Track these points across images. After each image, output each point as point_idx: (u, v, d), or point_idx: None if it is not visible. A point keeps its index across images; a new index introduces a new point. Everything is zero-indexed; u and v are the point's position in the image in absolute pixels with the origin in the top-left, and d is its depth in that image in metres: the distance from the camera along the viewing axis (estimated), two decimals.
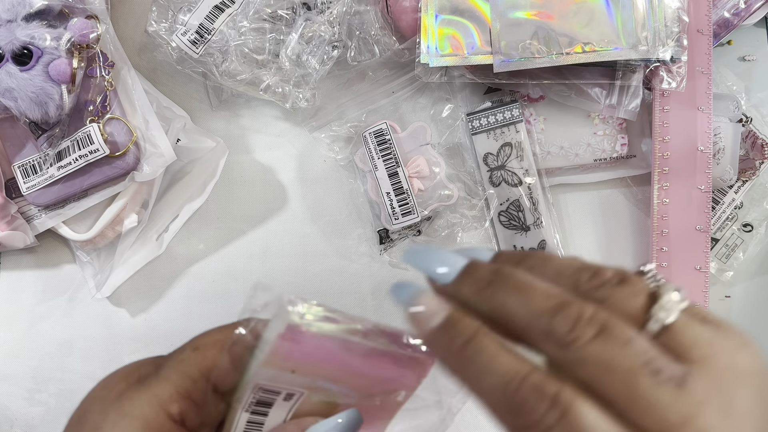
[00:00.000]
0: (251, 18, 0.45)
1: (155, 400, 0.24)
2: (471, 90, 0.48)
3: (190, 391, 0.25)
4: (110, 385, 0.26)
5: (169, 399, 0.24)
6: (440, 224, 0.47)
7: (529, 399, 0.19)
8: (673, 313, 0.19)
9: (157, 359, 0.27)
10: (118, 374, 0.27)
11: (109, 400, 0.25)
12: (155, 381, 0.25)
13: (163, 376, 0.25)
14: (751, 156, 0.48)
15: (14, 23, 0.41)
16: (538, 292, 0.20)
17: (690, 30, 0.45)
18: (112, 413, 0.24)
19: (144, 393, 0.24)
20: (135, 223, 0.46)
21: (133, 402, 0.24)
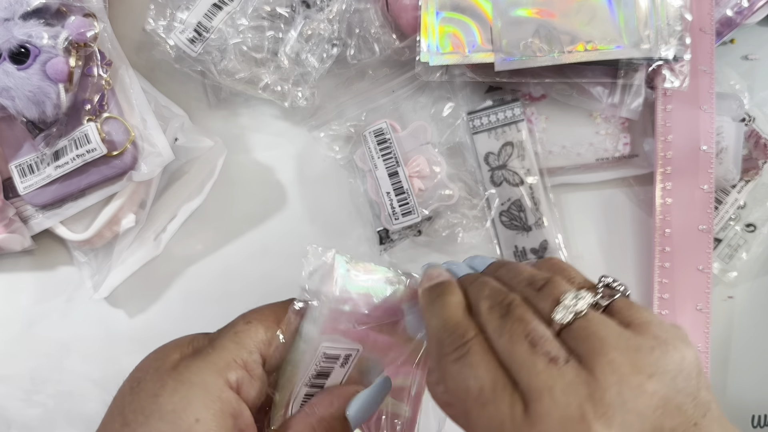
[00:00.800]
0: (250, 16, 0.45)
1: (214, 367, 0.25)
2: (472, 89, 0.48)
3: (246, 361, 0.26)
4: (163, 356, 0.26)
5: (227, 367, 0.25)
6: (441, 224, 0.47)
7: (452, 334, 0.25)
8: (568, 316, 0.24)
9: (209, 334, 0.28)
10: (169, 346, 0.27)
11: (164, 369, 0.25)
12: (212, 350, 0.26)
13: (219, 345, 0.26)
14: (754, 156, 0.48)
15: (11, 21, 0.41)
16: (488, 286, 0.27)
17: (693, 28, 0.44)
18: (170, 381, 0.25)
19: (201, 361, 0.25)
20: (133, 223, 0.45)
21: (191, 369, 0.25)
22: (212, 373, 0.25)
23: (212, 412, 0.24)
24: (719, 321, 0.48)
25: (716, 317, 0.47)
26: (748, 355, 0.48)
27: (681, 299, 0.45)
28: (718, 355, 0.48)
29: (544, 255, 0.47)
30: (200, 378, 0.24)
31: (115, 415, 0.25)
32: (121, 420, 0.24)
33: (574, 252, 0.48)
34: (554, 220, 0.47)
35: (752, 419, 0.48)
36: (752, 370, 0.48)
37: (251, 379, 0.26)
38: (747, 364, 0.48)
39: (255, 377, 0.26)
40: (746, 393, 0.48)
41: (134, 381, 0.26)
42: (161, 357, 0.26)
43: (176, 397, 0.24)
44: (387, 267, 0.30)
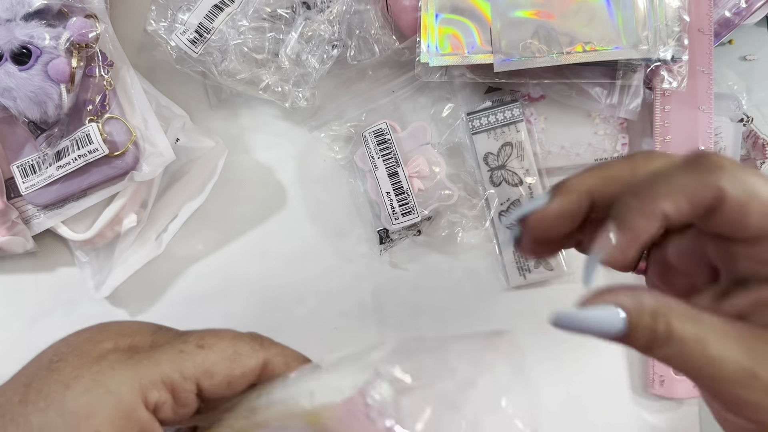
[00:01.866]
0: (251, 17, 0.45)
1: (137, 381, 0.22)
2: (471, 89, 0.48)
3: (176, 386, 0.23)
4: (96, 339, 0.24)
5: (152, 385, 0.23)
6: (440, 224, 0.47)
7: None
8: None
9: (157, 333, 0.25)
10: (109, 329, 0.25)
11: (88, 356, 0.23)
12: (145, 361, 0.23)
13: (156, 359, 0.23)
14: (752, 156, 0.48)
15: (13, 22, 0.41)
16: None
17: (691, 29, 0.44)
18: (87, 376, 0.22)
19: (129, 370, 0.23)
20: (134, 223, 0.46)
21: (114, 374, 0.22)
22: (133, 387, 0.22)
23: (115, 428, 0.22)
24: None
25: None
26: None
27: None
28: None
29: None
30: (117, 388, 0.22)
31: (19, 384, 0.23)
32: (22, 394, 0.22)
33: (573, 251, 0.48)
34: None
35: None
36: None
37: (174, 405, 0.23)
38: None
39: (180, 404, 0.24)
40: None
41: (55, 354, 0.23)
42: (94, 339, 0.24)
43: (84, 399, 0.22)
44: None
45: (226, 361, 0.24)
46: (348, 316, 0.48)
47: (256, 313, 0.48)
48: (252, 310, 0.48)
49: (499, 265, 0.48)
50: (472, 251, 0.48)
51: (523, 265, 0.47)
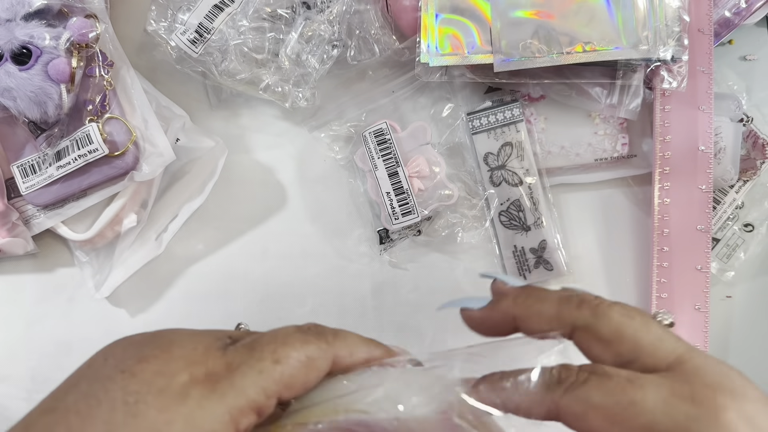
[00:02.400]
0: (251, 17, 0.45)
1: (228, 415, 0.22)
2: (471, 89, 0.48)
3: (261, 406, 0.23)
4: (168, 372, 0.22)
5: (241, 414, 0.22)
6: (440, 224, 0.47)
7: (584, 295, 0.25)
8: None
9: (227, 351, 0.24)
10: (175, 357, 0.23)
11: (170, 395, 0.22)
12: (230, 390, 0.22)
13: (239, 387, 0.22)
14: (752, 156, 0.48)
15: (13, 22, 0.41)
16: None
17: (691, 29, 0.44)
18: (178, 419, 0.21)
19: (218, 404, 0.22)
20: (134, 223, 0.46)
21: (205, 413, 0.21)
22: (225, 420, 0.22)
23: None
24: (718, 320, 0.48)
25: (715, 317, 0.47)
26: (747, 355, 0.48)
27: (679, 299, 0.46)
28: (717, 355, 0.48)
29: (543, 255, 0.47)
30: (212, 426, 0.21)
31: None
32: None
33: (573, 252, 0.49)
34: (553, 220, 0.47)
35: None
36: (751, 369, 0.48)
37: (258, 420, 0.23)
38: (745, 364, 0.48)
39: (262, 417, 0.23)
40: None
41: (128, 394, 0.22)
42: (166, 372, 0.22)
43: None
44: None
45: (302, 370, 0.24)
46: (348, 316, 0.48)
47: (256, 313, 0.48)
48: (252, 310, 0.48)
49: (499, 265, 0.48)
50: (472, 251, 0.48)
51: (522, 265, 0.47)
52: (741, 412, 0.21)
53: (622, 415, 0.21)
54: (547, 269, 0.47)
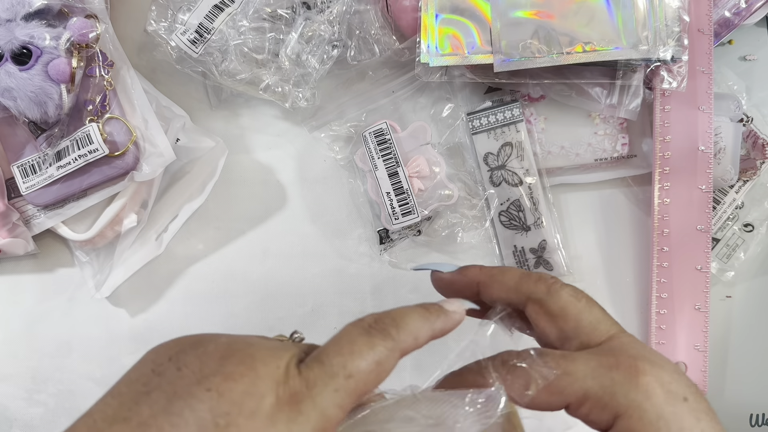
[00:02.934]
0: (251, 17, 0.45)
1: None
2: (471, 89, 0.48)
3: (339, 421, 0.23)
4: (256, 393, 0.22)
5: (323, 431, 0.23)
6: (440, 224, 0.47)
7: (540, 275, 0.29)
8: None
9: (304, 368, 0.24)
10: (264, 380, 0.23)
11: (261, 418, 0.21)
12: (312, 412, 0.22)
13: (320, 407, 0.23)
14: (752, 156, 0.48)
15: (13, 23, 0.41)
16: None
17: (691, 29, 0.44)
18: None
19: (304, 426, 0.22)
20: (134, 223, 0.46)
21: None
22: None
23: None
24: (717, 320, 0.48)
25: (714, 317, 0.47)
26: (747, 355, 0.48)
27: (679, 298, 0.46)
28: (717, 355, 0.48)
29: (543, 255, 0.47)
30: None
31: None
32: None
33: (573, 252, 0.49)
34: (553, 220, 0.47)
35: (750, 418, 0.48)
36: (750, 369, 0.48)
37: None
38: (745, 364, 0.48)
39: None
40: (744, 392, 0.48)
41: (220, 416, 0.21)
42: (254, 393, 0.22)
43: None
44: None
45: (372, 376, 0.24)
46: (348, 316, 0.48)
47: (256, 313, 0.48)
48: (252, 310, 0.48)
49: (498, 265, 0.48)
50: (472, 251, 0.48)
51: (522, 265, 0.47)
52: (657, 378, 0.25)
53: (559, 384, 0.25)
54: (547, 269, 0.47)
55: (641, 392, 0.24)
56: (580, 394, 0.25)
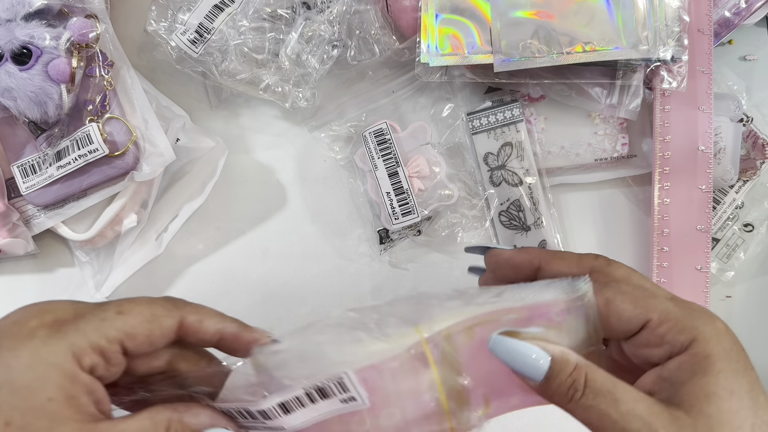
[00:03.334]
0: (251, 17, 0.45)
1: (70, 350, 0.25)
2: (471, 89, 0.48)
3: (104, 349, 0.25)
4: (22, 320, 0.26)
5: (82, 352, 0.25)
6: (440, 224, 0.47)
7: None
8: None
9: (77, 306, 0.27)
10: (29, 310, 0.27)
11: (20, 336, 0.25)
12: (73, 332, 0.25)
13: (82, 329, 0.25)
14: (752, 156, 0.48)
15: (13, 23, 0.41)
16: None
17: (691, 29, 0.44)
18: (25, 354, 0.24)
19: (60, 341, 0.25)
20: (134, 223, 0.46)
21: (49, 348, 0.25)
22: (68, 356, 0.25)
23: (65, 393, 0.24)
24: None
25: None
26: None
27: None
28: None
29: None
30: (56, 359, 0.25)
31: None
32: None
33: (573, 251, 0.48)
34: (553, 220, 0.47)
35: None
36: None
37: (106, 365, 0.26)
38: None
39: (111, 364, 0.26)
40: None
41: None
42: (20, 321, 0.26)
43: (30, 374, 0.24)
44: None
45: (145, 324, 0.26)
46: None
47: (256, 313, 0.48)
48: (252, 310, 0.48)
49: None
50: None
51: None
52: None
53: (646, 300, 0.26)
54: None
55: (717, 328, 0.26)
56: (664, 313, 0.26)
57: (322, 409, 0.26)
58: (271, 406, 0.26)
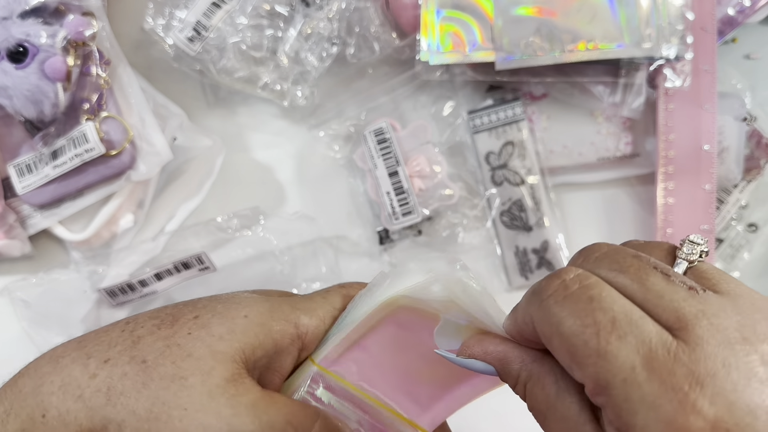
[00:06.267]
0: (249, 15, 0.44)
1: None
2: (472, 88, 0.48)
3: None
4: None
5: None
6: (441, 224, 0.47)
7: (552, 276, 0.22)
8: (695, 253, 0.22)
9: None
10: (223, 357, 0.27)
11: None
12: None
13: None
14: (756, 155, 0.48)
15: (9, 20, 0.41)
16: (588, 249, 0.25)
17: (694, 27, 0.44)
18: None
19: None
20: (131, 224, 0.45)
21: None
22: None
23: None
24: None
25: None
26: None
27: None
28: None
29: (545, 255, 0.46)
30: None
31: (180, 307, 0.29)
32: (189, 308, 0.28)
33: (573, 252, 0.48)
34: (555, 220, 0.47)
35: None
36: None
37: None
38: None
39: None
40: None
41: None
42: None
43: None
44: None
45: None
46: None
47: None
48: None
49: (500, 265, 0.48)
50: (473, 252, 0.48)
51: (524, 266, 0.47)
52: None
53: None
54: (550, 270, 0.46)
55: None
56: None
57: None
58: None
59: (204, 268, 0.44)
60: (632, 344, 0.19)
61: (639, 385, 0.19)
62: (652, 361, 0.19)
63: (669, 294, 0.20)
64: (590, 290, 0.21)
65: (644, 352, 0.19)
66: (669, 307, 0.20)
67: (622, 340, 0.20)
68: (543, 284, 0.23)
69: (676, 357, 0.19)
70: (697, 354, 0.19)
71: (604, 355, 0.20)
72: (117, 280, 0.44)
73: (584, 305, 0.21)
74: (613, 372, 0.19)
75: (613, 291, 0.21)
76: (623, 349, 0.19)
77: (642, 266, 0.21)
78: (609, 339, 0.20)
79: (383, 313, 0.29)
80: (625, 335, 0.20)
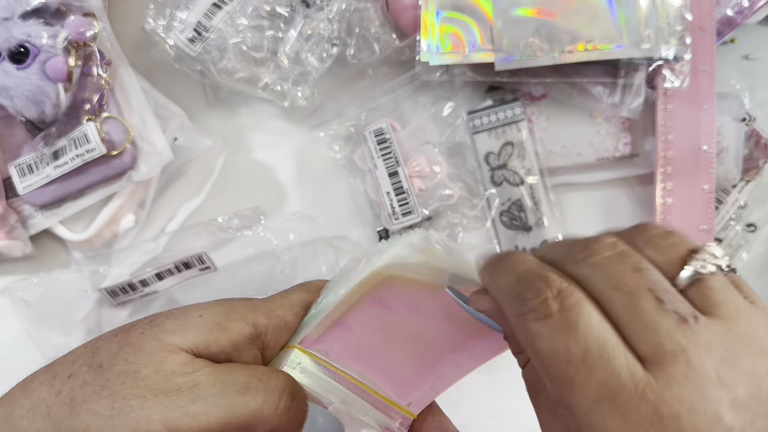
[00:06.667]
0: (249, 15, 0.44)
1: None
2: (472, 88, 0.48)
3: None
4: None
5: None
6: (441, 224, 0.47)
7: (536, 285, 0.21)
8: (708, 266, 0.21)
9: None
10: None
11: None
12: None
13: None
14: (755, 155, 0.48)
15: (11, 21, 0.41)
16: (582, 240, 0.23)
17: (693, 28, 0.44)
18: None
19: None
20: (132, 223, 0.45)
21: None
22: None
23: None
24: None
25: None
26: None
27: None
28: None
29: None
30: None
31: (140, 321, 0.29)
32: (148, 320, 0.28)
33: None
34: (555, 220, 0.47)
35: None
36: None
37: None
38: None
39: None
40: None
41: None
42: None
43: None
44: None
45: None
46: None
47: None
48: None
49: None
50: (473, 251, 0.48)
51: None
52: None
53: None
54: None
55: None
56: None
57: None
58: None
59: (205, 268, 0.44)
60: (600, 377, 0.19)
61: (602, 416, 0.19)
62: (618, 396, 0.19)
63: (654, 325, 0.20)
64: (569, 314, 0.20)
65: (612, 385, 0.19)
66: (650, 340, 0.19)
67: (591, 373, 0.19)
68: (524, 293, 0.22)
69: (643, 394, 0.19)
70: (665, 394, 0.18)
71: (570, 383, 0.20)
72: (118, 280, 0.44)
73: (560, 331, 0.20)
74: (577, 399, 0.19)
75: (593, 315, 0.20)
76: (591, 381, 0.19)
77: (637, 287, 0.20)
78: (578, 369, 0.19)
79: (365, 288, 0.28)
80: (594, 368, 0.19)
